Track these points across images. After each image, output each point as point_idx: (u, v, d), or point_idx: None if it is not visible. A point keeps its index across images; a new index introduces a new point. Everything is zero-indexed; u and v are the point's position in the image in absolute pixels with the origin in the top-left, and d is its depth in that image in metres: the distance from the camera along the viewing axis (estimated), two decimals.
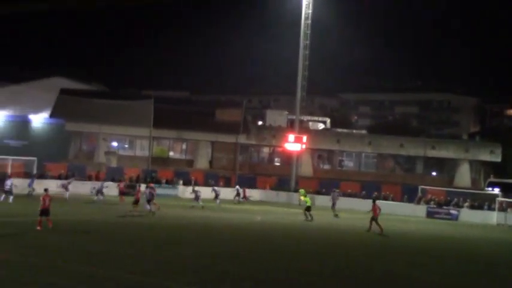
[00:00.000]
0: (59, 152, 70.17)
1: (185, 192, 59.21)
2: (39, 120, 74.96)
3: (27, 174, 53.51)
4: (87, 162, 68.82)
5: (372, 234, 34.28)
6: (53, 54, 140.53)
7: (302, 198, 43.84)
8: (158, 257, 21.47)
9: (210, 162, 76.90)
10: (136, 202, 38.39)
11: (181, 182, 62.36)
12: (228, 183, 65.63)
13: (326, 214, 46.58)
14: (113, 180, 57.31)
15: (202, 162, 75.96)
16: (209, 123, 74.38)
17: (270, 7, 73.91)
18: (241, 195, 57.48)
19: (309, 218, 40.56)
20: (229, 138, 74.93)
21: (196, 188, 50.27)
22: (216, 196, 52.48)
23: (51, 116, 73.33)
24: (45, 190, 29.21)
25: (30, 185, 48.31)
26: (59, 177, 55.12)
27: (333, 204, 49.67)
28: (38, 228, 26.54)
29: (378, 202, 36.87)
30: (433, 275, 21.97)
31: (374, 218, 35.15)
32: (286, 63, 74.76)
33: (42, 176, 53.74)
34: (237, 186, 57.69)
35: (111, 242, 24.99)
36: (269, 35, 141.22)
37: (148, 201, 39.16)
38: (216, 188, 54.65)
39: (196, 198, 47.17)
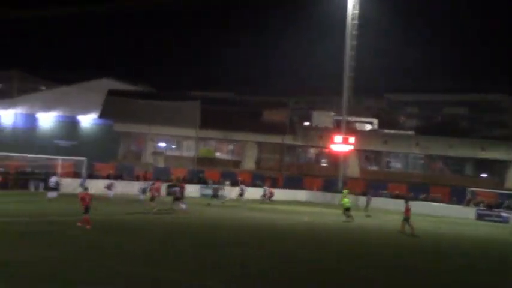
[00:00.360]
0: (108, 152, 71.06)
1: (232, 192, 59.32)
2: (88, 120, 76.04)
3: (76, 174, 54.29)
4: (135, 163, 69.53)
5: (407, 235, 33.78)
6: (102, 56, 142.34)
7: (343, 199, 43.44)
8: (203, 258, 21.47)
9: (257, 163, 76.94)
10: (152, 199, 38.55)
11: (228, 182, 62.37)
12: (274, 184, 65.58)
13: (375, 215, 46.82)
14: (158, 180, 57.72)
15: (249, 163, 76.08)
16: (256, 124, 74.37)
17: (317, 7, 73.32)
18: (267, 195, 57.82)
19: (349, 218, 40.40)
20: (275, 139, 74.88)
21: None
22: (241, 194, 53.89)
23: (99, 116, 74.32)
24: (86, 189, 29.89)
25: (82, 184, 48.84)
26: (108, 177, 55.82)
27: (367, 205, 52.11)
28: (88, 227, 26.84)
29: (410, 203, 36.66)
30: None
31: (406, 218, 34.92)
32: (333, 63, 74.25)
33: (91, 175, 54.50)
34: (242, 185, 56.59)
35: (149, 241, 25.06)
36: (316, 35, 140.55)
37: (178, 198, 39.36)
38: (243, 186, 55.02)
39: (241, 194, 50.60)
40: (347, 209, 41.12)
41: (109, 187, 48.68)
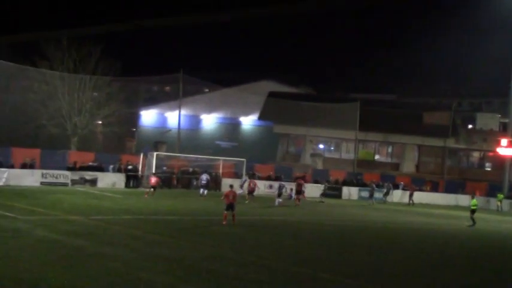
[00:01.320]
0: (267, 154, 72.13)
1: (392, 196, 58.58)
2: (248, 122, 77.61)
3: (235, 175, 55.36)
4: (293, 164, 69.97)
5: None
6: (263, 58, 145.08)
7: (472, 201, 40.35)
8: (364, 261, 21.02)
9: (417, 166, 75.08)
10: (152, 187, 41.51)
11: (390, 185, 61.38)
12: (435, 188, 63.77)
13: None
14: (316, 182, 57.95)
15: (408, 166, 74.39)
16: (416, 127, 72.54)
17: (481, 7, 70.38)
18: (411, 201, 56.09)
19: (471, 222, 38.01)
20: (437, 142, 72.71)
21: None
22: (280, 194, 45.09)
23: (259, 118, 75.62)
24: (230, 186, 30.56)
25: (242, 184, 49.55)
26: (268, 178, 56.51)
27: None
28: (224, 223, 27.28)
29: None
30: None
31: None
32: (499, 64, 70.84)
33: (251, 176, 55.32)
34: (245, 178, 50.87)
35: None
36: (480, 35, 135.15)
37: (250, 192, 42.98)
38: (282, 183, 51.80)
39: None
40: (473, 212, 38.63)
41: (241, 186, 48.43)
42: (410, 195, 57.00)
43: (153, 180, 42.43)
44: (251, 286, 15.39)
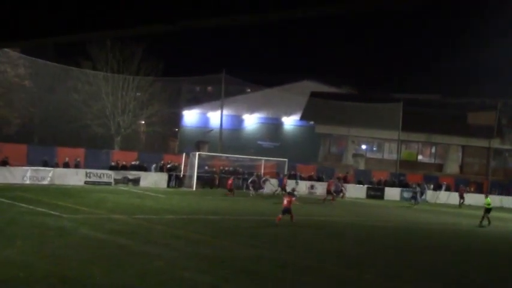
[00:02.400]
0: (309, 154, 71.93)
1: (435, 197, 57.89)
2: (290, 122, 77.49)
3: (278, 175, 55.34)
4: (335, 165, 69.63)
5: None
6: (305, 59, 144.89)
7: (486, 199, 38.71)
8: (408, 262, 20.81)
9: (461, 167, 74.11)
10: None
11: (431, 186, 60.74)
12: (479, 189, 62.83)
13: None
14: (359, 182, 57.88)
15: (452, 167, 73.48)
16: (460, 127, 71.65)
17: None
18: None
19: (483, 222, 36.44)
20: (481, 143, 71.67)
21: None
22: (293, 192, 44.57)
23: (301, 118, 75.45)
24: (292, 190, 30.82)
25: (279, 185, 49.73)
26: (310, 179, 56.44)
27: None
28: (277, 223, 27.30)
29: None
30: None
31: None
32: None
33: (292, 176, 55.29)
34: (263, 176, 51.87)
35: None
36: None
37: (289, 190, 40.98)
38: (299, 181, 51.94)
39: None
40: (486, 211, 37.45)
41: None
42: (461, 197, 55.98)
43: (229, 181, 44.86)
44: (291, 286, 15.36)
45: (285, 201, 28.20)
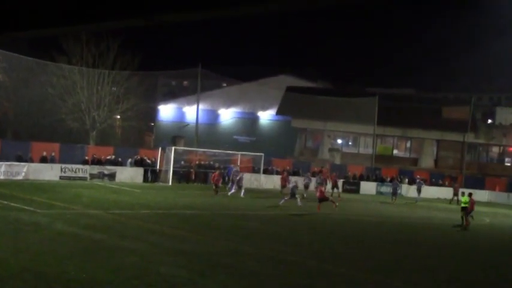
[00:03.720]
0: (285, 148, 72.08)
1: (409, 190, 58.18)
2: (266, 117, 77.58)
3: (254, 169, 55.28)
4: (311, 159, 69.80)
5: None
6: (281, 53, 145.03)
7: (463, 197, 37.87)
8: (385, 257, 20.97)
9: (435, 161, 74.71)
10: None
11: (406, 180, 61.10)
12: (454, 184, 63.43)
13: None
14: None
15: (427, 161, 74.05)
16: (435, 121, 72.20)
17: (502, 1, 69.84)
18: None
19: (461, 222, 34.27)
20: (456, 137, 72.26)
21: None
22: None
23: (277, 113, 75.54)
24: (319, 184, 39.41)
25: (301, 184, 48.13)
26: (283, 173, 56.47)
27: None
28: (317, 210, 33.77)
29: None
30: None
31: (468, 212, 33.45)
32: None
33: (266, 171, 55.31)
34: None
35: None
36: (500, 30, 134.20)
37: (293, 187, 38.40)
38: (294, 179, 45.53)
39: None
40: (462, 209, 36.34)
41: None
42: (455, 194, 54.21)
43: (215, 177, 42.32)
44: (268, 280, 15.44)
45: (318, 193, 35.12)
